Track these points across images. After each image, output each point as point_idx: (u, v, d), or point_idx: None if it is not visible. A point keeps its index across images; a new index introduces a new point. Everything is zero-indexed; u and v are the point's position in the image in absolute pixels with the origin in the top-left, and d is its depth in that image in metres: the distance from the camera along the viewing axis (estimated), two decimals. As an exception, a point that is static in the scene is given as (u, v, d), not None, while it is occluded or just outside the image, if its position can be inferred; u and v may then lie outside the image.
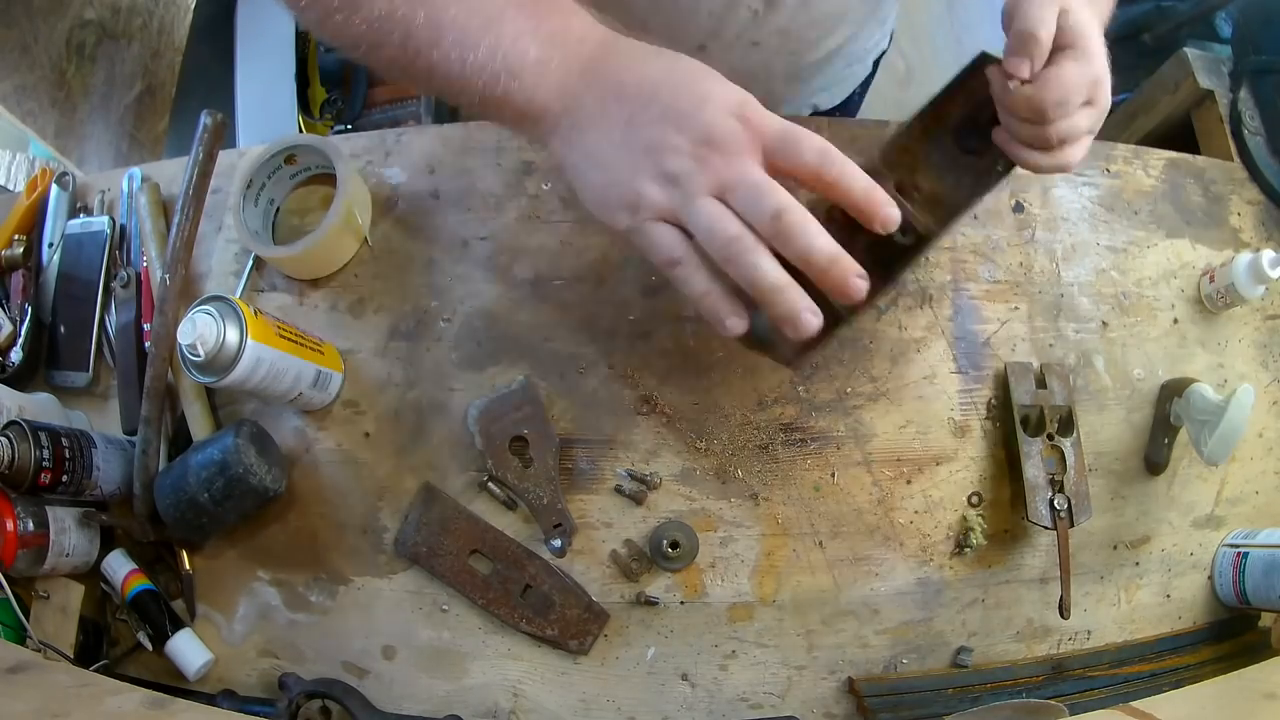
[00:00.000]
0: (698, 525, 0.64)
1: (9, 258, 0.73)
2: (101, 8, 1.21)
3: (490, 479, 0.64)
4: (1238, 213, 0.76)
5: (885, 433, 0.66)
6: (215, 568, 0.66)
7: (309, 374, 0.63)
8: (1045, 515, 0.62)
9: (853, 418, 0.66)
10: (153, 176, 0.75)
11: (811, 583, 0.64)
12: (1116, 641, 0.66)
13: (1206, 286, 0.72)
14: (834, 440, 0.66)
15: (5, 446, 0.56)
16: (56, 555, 0.60)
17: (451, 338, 0.68)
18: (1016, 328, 0.70)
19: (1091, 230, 0.73)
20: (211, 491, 0.60)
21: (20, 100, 1.07)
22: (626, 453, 0.66)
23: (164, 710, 0.48)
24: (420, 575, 0.64)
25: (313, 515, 0.66)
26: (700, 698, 0.63)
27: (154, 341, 0.65)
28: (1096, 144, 0.76)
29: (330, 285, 0.71)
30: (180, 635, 0.62)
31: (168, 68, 1.39)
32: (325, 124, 1.39)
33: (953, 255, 0.71)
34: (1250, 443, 0.71)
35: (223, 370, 0.57)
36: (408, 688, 0.63)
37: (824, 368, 0.67)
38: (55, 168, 0.87)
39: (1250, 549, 0.66)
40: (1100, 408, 0.69)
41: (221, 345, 0.56)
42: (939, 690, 0.62)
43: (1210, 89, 0.82)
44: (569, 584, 0.63)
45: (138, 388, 0.67)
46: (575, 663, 0.63)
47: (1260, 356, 0.73)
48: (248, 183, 0.68)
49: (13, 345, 0.71)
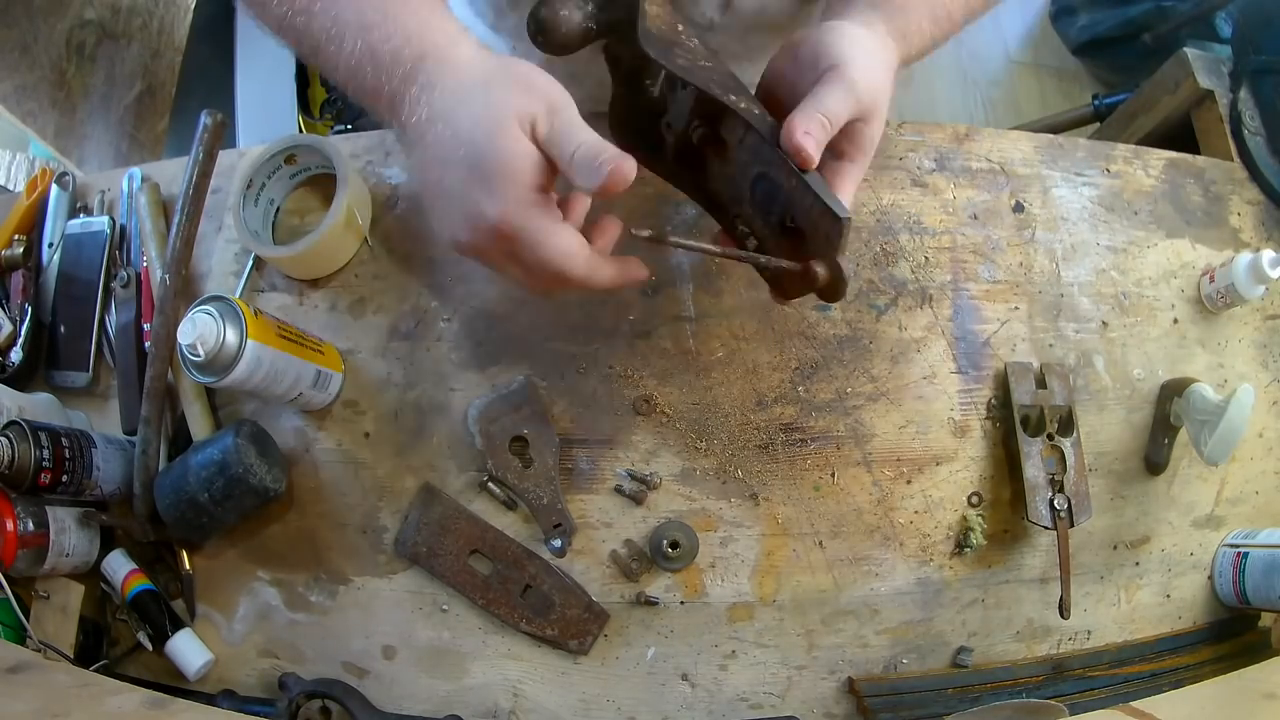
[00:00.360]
0: (698, 525, 0.64)
1: (9, 258, 0.73)
2: (101, 8, 1.21)
3: (490, 479, 0.64)
4: (1238, 213, 0.76)
5: (885, 433, 0.66)
6: (215, 568, 0.66)
7: (309, 374, 0.63)
8: (1045, 515, 0.62)
9: (853, 418, 0.66)
10: (153, 176, 0.75)
11: (811, 583, 0.64)
12: (1116, 641, 0.66)
13: (1206, 286, 0.72)
14: (834, 440, 0.66)
15: (5, 446, 0.56)
16: (56, 555, 0.60)
17: (451, 338, 0.69)
18: (1016, 328, 0.70)
19: (1091, 230, 0.73)
20: (211, 491, 0.60)
21: (20, 100, 1.07)
22: (626, 453, 0.66)
23: (164, 710, 0.48)
24: (420, 575, 0.64)
25: (313, 515, 0.66)
26: (700, 698, 0.63)
27: (154, 341, 0.65)
28: (1097, 144, 0.76)
29: (330, 285, 0.71)
30: (180, 635, 0.63)
31: (168, 68, 1.39)
32: (325, 124, 1.39)
33: (953, 255, 0.71)
34: (1250, 443, 0.71)
35: (223, 370, 0.57)
36: (408, 688, 0.63)
37: (824, 367, 0.67)
38: (55, 168, 0.87)
39: (1250, 549, 0.66)
40: (1100, 408, 0.69)
41: (221, 345, 0.56)
42: (939, 690, 0.62)
43: (1210, 89, 0.82)
44: (569, 584, 0.63)
45: (138, 388, 0.67)
46: (575, 663, 0.63)
47: (1260, 356, 0.73)
48: (248, 183, 0.68)
49: (13, 345, 0.71)
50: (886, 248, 0.70)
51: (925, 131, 0.73)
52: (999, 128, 0.76)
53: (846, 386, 0.67)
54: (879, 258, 0.70)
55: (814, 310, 0.68)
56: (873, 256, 0.70)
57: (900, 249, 0.70)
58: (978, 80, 1.87)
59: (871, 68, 0.50)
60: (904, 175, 0.72)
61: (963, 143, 0.74)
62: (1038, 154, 0.74)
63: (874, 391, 0.67)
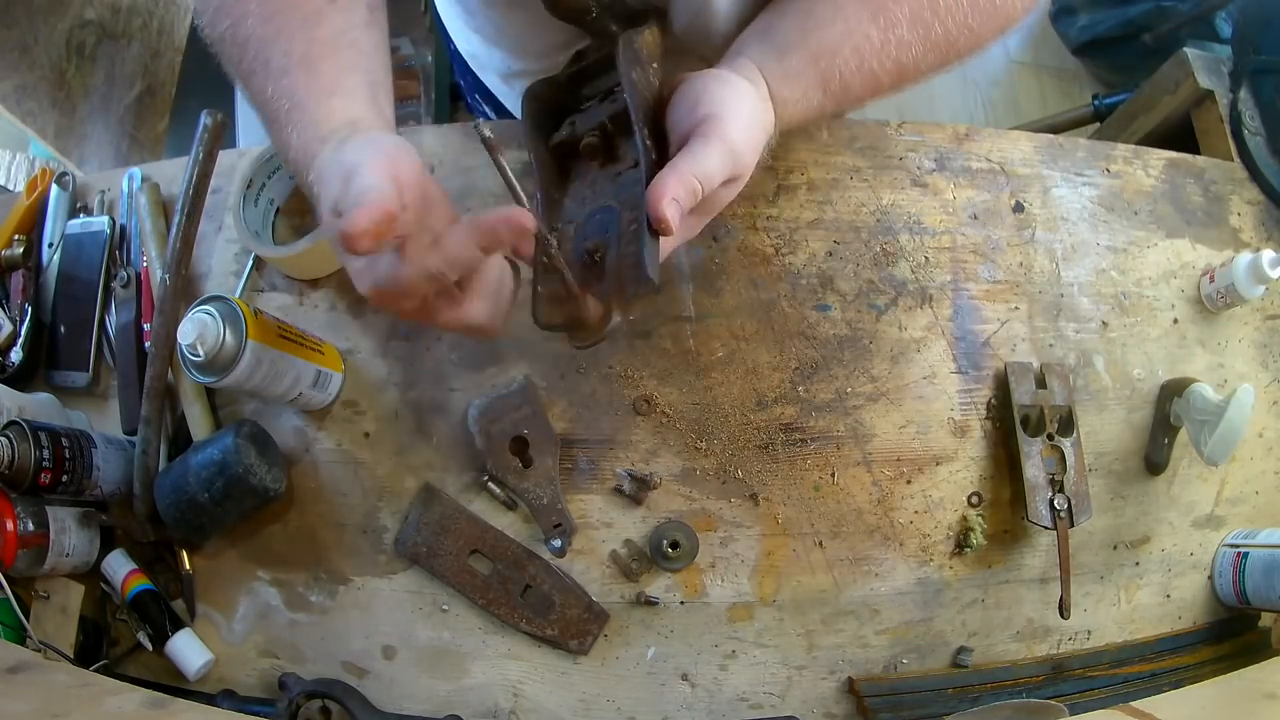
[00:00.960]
0: (698, 525, 0.64)
1: (9, 258, 0.73)
2: (101, 8, 1.21)
3: (490, 479, 0.64)
4: (1238, 213, 0.76)
5: (885, 433, 0.66)
6: (215, 568, 0.66)
7: (309, 374, 0.63)
8: (1045, 515, 0.62)
9: (853, 418, 0.66)
10: (153, 176, 0.75)
11: (811, 583, 0.64)
12: (1116, 641, 0.66)
13: (1206, 286, 0.72)
14: (834, 440, 0.66)
15: (5, 446, 0.56)
16: (56, 555, 0.60)
17: (451, 337, 0.68)
18: (1016, 328, 0.70)
19: (1091, 230, 0.73)
20: (211, 491, 0.60)
21: (20, 100, 1.07)
22: (626, 453, 0.66)
23: (164, 710, 0.48)
24: (420, 575, 0.64)
25: (313, 515, 0.66)
26: (700, 698, 0.63)
27: (154, 341, 0.65)
28: (1097, 144, 0.76)
29: (330, 285, 0.71)
30: (180, 636, 0.62)
31: (168, 68, 1.39)
32: (325, 124, 1.39)
33: (953, 255, 0.71)
34: (1250, 443, 0.71)
35: (223, 370, 0.57)
36: (408, 688, 0.63)
37: (824, 367, 0.67)
38: (55, 168, 0.87)
39: (1250, 549, 0.66)
40: (1100, 408, 0.69)
41: (221, 345, 0.56)
42: (939, 690, 0.62)
43: (1210, 89, 0.81)
44: (569, 584, 0.63)
45: (138, 388, 0.67)
46: (575, 663, 0.63)
47: (1260, 356, 0.73)
48: (248, 183, 0.68)
49: (13, 345, 0.71)
50: (886, 248, 0.70)
51: (925, 131, 0.73)
52: (999, 128, 0.76)
53: (846, 386, 0.67)
54: (879, 258, 0.70)
55: (814, 311, 0.68)
56: (873, 256, 0.70)
57: (900, 249, 0.70)
58: (978, 80, 1.87)
59: (751, 128, 0.49)
60: (904, 175, 0.72)
61: (963, 143, 0.74)
62: (1038, 154, 0.74)
63: (874, 391, 0.67)
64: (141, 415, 0.65)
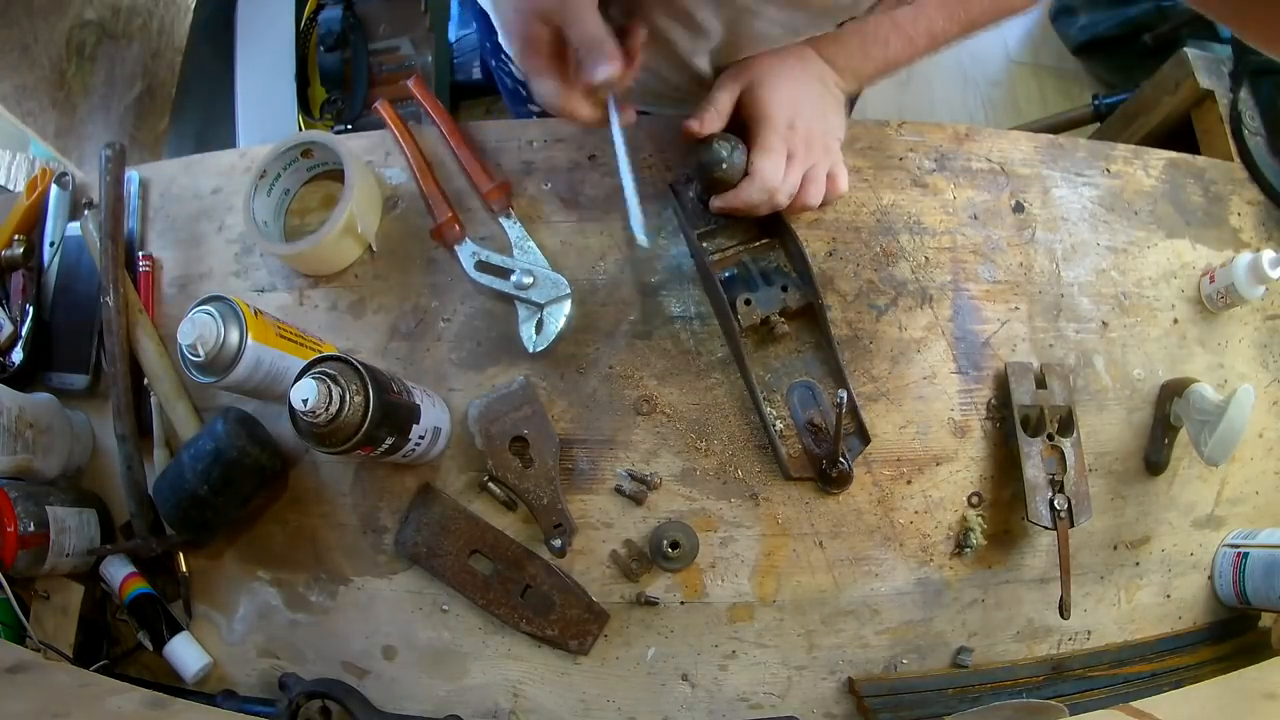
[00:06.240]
0: (698, 525, 0.64)
1: (9, 258, 0.73)
2: (101, 8, 1.21)
3: (490, 479, 0.64)
4: (1238, 213, 0.76)
5: (885, 433, 0.66)
6: (215, 568, 0.66)
7: (309, 374, 0.63)
8: (1045, 515, 0.62)
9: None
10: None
11: (811, 583, 0.64)
12: (1116, 641, 0.66)
13: (1206, 286, 0.72)
14: (834, 440, 0.66)
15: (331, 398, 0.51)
16: (56, 555, 0.60)
17: (451, 338, 0.69)
18: (1016, 328, 0.70)
19: (1092, 230, 0.73)
20: (210, 482, 0.59)
21: (20, 100, 1.07)
22: (626, 453, 0.66)
23: (164, 710, 0.48)
24: (420, 575, 0.65)
25: (313, 515, 0.66)
26: (700, 698, 0.63)
27: (109, 360, 0.65)
28: (1097, 144, 0.76)
29: (330, 285, 0.71)
30: (178, 639, 0.62)
31: (168, 68, 1.39)
32: (325, 124, 1.39)
33: (953, 255, 0.71)
34: (1250, 443, 0.71)
35: (223, 370, 0.57)
36: (408, 688, 0.63)
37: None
38: (55, 168, 0.87)
39: (1250, 549, 0.66)
40: (1100, 408, 0.69)
41: (221, 345, 0.56)
42: (939, 690, 0.62)
43: (1210, 89, 0.81)
44: (569, 584, 0.63)
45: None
46: (575, 663, 0.63)
47: (1260, 356, 0.73)
48: (261, 172, 0.68)
49: (13, 345, 0.71)
50: (886, 248, 0.70)
51: (925, 132, 0.73)
52: (999, 128, 0.76)
53: (846, 386, 0.67)
54: (879, 258, 0.70)
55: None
56: (873, 257, 0.70)
57: (900, 249, 0.70)
58: (978, 80, 1.87)
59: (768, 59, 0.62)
60: (904, 175, 0.72)
61: (963, 143, 0.74)
62: (1038, 154, 0.74)
63: (874, 391, 0.67)
64: (117, 433, 0.65)
